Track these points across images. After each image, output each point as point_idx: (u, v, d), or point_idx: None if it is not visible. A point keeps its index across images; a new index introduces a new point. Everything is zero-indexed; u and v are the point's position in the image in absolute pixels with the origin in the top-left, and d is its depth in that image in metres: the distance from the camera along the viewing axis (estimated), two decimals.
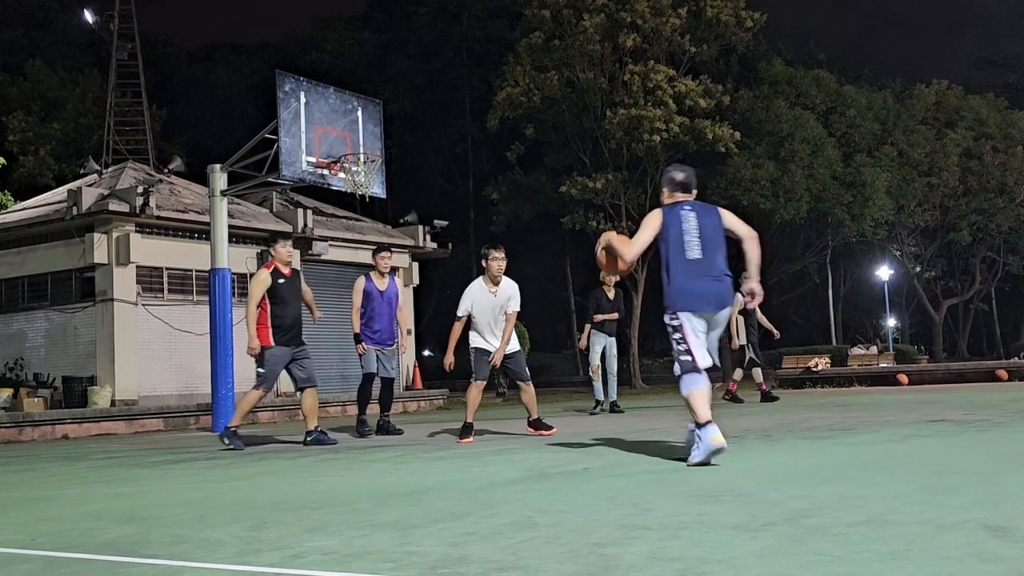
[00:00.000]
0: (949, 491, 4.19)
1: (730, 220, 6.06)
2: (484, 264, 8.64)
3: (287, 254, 9.23)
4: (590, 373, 12.83)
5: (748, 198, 27.77)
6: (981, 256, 40.20)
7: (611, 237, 6.42)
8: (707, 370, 5.74)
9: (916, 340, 46.85)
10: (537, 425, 8.99)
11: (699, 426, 5.55)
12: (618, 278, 12.64)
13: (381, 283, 9.90)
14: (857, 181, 29.66)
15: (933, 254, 40.15)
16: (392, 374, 10.12)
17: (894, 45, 78.77)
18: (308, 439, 9.05)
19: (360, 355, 9.83)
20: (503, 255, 8.61)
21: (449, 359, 8.75)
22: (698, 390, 5.65)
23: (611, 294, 12.59)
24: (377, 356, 9.85)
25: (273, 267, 9.14)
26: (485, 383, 8.71)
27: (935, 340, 40.89)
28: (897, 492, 4.20)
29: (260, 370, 8.95)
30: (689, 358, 5.71)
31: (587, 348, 12.76)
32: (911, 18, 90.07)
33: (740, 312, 13.62)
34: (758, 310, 13.84)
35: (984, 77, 48.93)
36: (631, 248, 6.13)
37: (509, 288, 8.64)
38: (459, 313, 8.62)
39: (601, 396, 12.87)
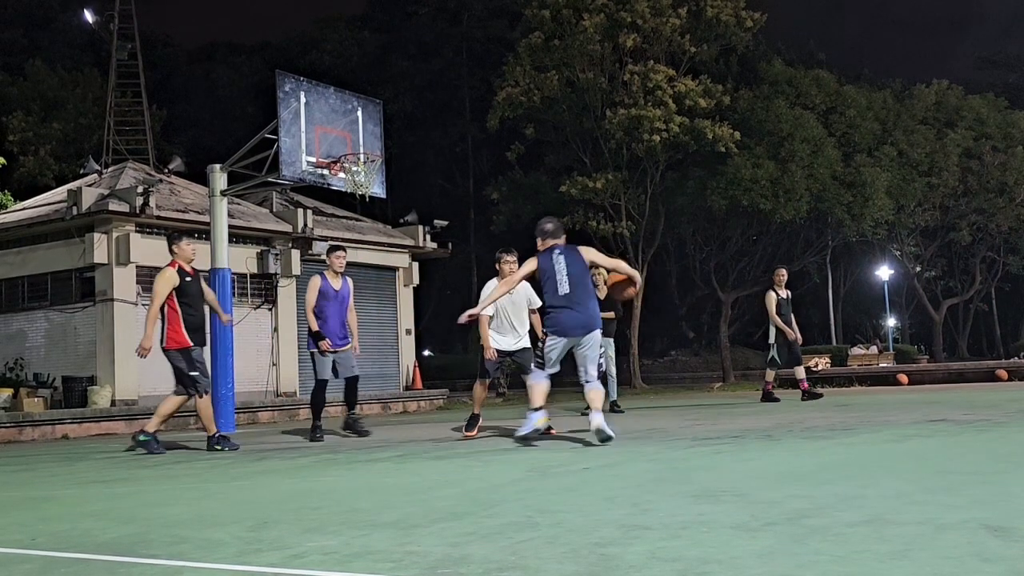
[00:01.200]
0: (949, 491, 4.19)
1: (593, 256, 7.83)
2: (497, 267, 9.09)
3: (191, 252, 9.02)
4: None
5: (748, 198, 27.74)
6: (981, 256, 40.18)
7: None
8: (551, 376, 7.84)
9: (916, 340, 46.84)
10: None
11: (532, 410, 7.77)
12: (608, 279, 12.53)
13: (336, 282, 9.88)
14: (857, 181, 29.64)
15: (933, 254, 40.13)
16: (355, 372, 10.09)
17: (894, 45, 78.76)
18: (140, 439, 8.93)
19: (322, 354, 9.70)
20: (515, 258, 8.97)
21: (490, 350, 8.92)
22: (539, 383, 7.83)
23: (601, 294, 12.44)
24: (333, 359, 9.82)
25: (177, 265, 8.87)
26: (490, 380, 9.13)
27: (935, 340, 40.88)
28: (897, 492, 4.20)
29: (193, 374, 8.76)
30: (542, 361, 7.90)
31: None
32: (911, 18, 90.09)
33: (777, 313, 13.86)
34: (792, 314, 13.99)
35: (984, 77, 48.91)
36: (512, 278, 8.07)
37: (525, 287, 9.02)
38: (487, 312, 8.96)
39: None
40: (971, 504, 3.78)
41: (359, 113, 13.15)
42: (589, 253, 7.80)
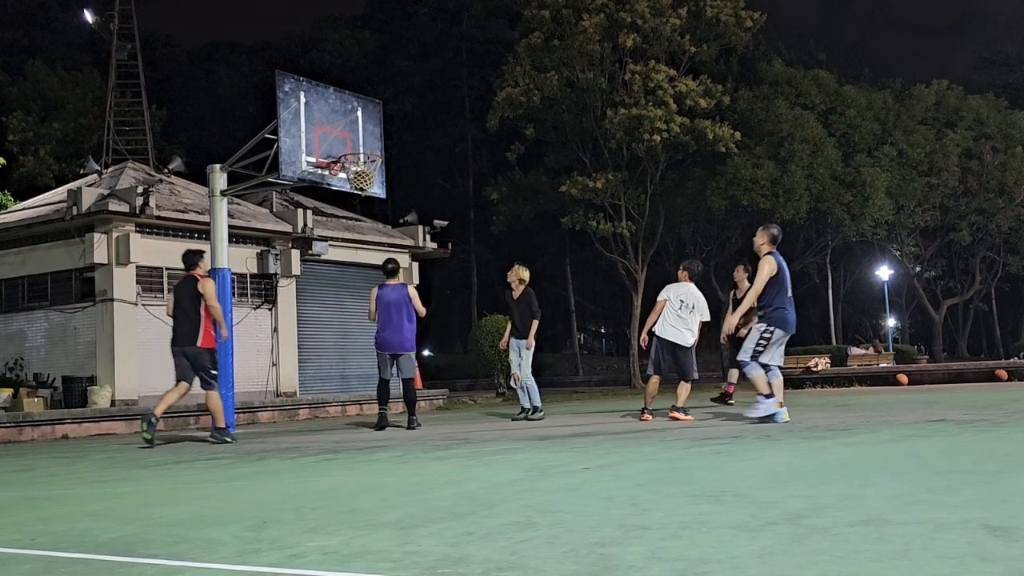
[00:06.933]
0: (949, 491, 4.19)
1: None
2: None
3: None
4: (511, 382, 12.16)
5: (748, 198, 27.75)
6: (981, 256, 40.19)
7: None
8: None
9: (916, 340, 46.85)
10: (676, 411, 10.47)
11: (764, 396, 8.79)
12: (525, 277, 12.38)
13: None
14: (857, 181, 29.67)
15: (933, 254, 40.15)
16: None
17: (894, 45, 78.75)
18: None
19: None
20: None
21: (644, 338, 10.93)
22: (759, 373, 8.86)
23: (516, 294, 12.21)
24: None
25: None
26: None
27: (935, 340, 40.88)
28: (897, 492, 4.20)
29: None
30: (760, 352, 8.88)
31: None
32: (911, 18, 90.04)
33: None
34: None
35: (984, 77, 48.91)
36: (761, 277, 9.01)
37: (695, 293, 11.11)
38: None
39: (527, 403, 12.27)
40: (971, 504, 3.78)
41: (359, 113, 13.14)
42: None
